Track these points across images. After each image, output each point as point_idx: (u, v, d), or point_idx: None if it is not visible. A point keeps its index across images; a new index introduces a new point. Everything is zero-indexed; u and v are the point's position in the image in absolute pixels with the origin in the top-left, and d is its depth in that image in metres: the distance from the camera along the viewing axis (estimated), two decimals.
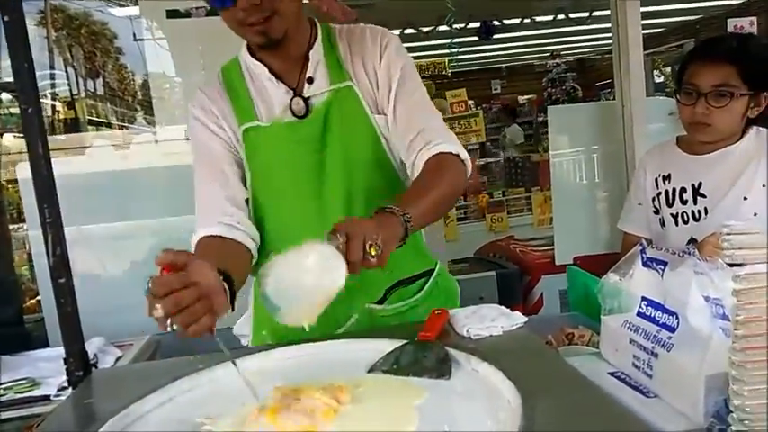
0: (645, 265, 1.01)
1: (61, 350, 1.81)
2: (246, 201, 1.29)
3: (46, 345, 2.12)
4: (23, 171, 2.27)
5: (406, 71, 1.28)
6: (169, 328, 0.82)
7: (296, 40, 1.25)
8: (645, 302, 1.00)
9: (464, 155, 1.22)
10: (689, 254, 0.93)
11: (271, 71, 1.27)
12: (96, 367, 1.57)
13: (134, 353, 1.88)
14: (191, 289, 0.82)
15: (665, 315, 0.95)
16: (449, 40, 4.84)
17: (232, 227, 1.22)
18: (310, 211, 1.27)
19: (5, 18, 1.12)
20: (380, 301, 1.33)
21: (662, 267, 0.96)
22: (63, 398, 1.52)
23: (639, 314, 1.00)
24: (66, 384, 1.58)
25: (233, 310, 1.05)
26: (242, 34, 1.20)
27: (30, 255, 3.86)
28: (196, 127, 1.30)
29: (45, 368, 1.74)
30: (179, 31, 2.28)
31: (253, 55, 1.29)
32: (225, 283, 0.95)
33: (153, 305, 0.80)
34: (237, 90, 1.29)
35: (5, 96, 5.32)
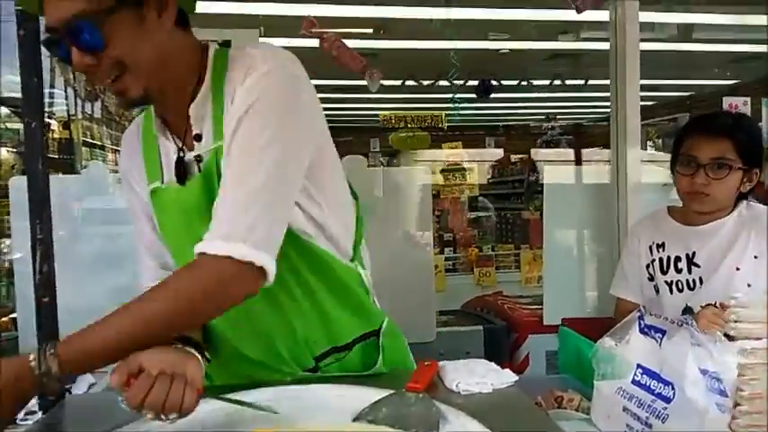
0: (642, 332, 1.00)
1: None
2: None
3: None
4: (15, 186, 2.23)
5: (256, 107, 0.94)
6: (168, 423, 0.85)
7: (173, 90, 1.03)
8: (640, 370, 0.99)
9: (235, 253, 0.88)
10: (687, 324, 0.93)
11: (165, 122, 1.09)
12: (70, 393, 1.50)
13: (108, 381, 1.82)
14: (159, 381, 0.83)
15: (660, 385, 0.93)
16: (451, 95, 4.96)
17: None
18: None
19: (21, 32, 1.13)
20: (313, 369, 1.18)
21: (660, 336, 0.95)
22: (30, 422, 1.45)
23: (634, 382, 0.99)
24: (35, 408, 1.52)
25: (209, 360, 1.02)
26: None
27: (10, 270, 3.78)
28: (123, 180, 1.20)
29: None
30: None
31: None
32: (188, 346, 0.95)
33: (142, 414, 0.83)
34: (150, 142, 1.13)
35: (4, 111, 5.32)
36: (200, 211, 1.00)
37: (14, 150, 5.67)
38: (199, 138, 1.04)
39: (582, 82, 7.56)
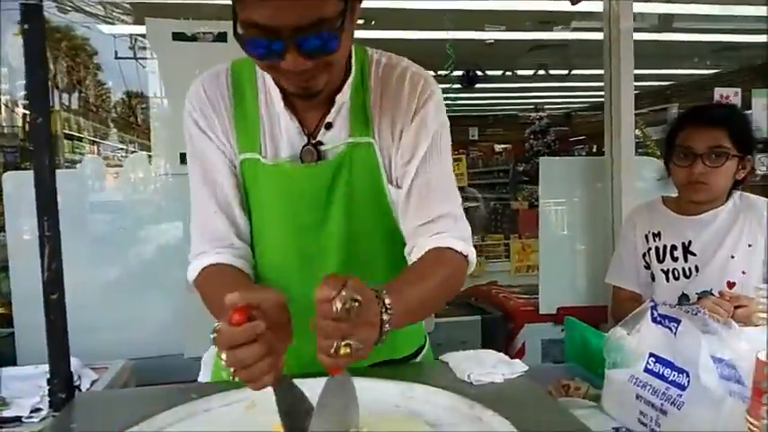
0: (655, 321, 1.02)
1: (31, 369, 1.74)
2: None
3: (13, 363, 2.02)
4: (9, 181, 2.20)
5: (436, 140, 1.09)
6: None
7: (335, 80, 1.04)
8: (653, 359, 1.01)
9: (470, 254, 1.08)
10: (700, 312, 0.95)
11: (290, 105, 1.07)
12: (79, 390, 1.49)
13: (110, 376, 1.81)
14: (255, 345, 0.72)
15: (674, 373, 0.96)
16: (448, 85, 4.98)
17: (239, 258, 1.11)
18: (307, 269, 1.11)
19: (26, 26, 1.10)
20: None
21: (675, 325, 0.97)
22: (35, 420, 1.44)
23: (647, 370, 1.01)
24: (39, 406, 1.51)
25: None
26: (275, 79, 1.01)
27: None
28: (194, 134, 1.10)
29: (15, 388, 1.65)
30: (181, 54, 2.28)
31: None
32: None
33: (219, 354, 0.74)
34: (247, 108, 1.09)
35: None
36: (322, 198, 1.07)
37: None
38: (329, 126, 1.07)
39: (566, 72, 7.62)
